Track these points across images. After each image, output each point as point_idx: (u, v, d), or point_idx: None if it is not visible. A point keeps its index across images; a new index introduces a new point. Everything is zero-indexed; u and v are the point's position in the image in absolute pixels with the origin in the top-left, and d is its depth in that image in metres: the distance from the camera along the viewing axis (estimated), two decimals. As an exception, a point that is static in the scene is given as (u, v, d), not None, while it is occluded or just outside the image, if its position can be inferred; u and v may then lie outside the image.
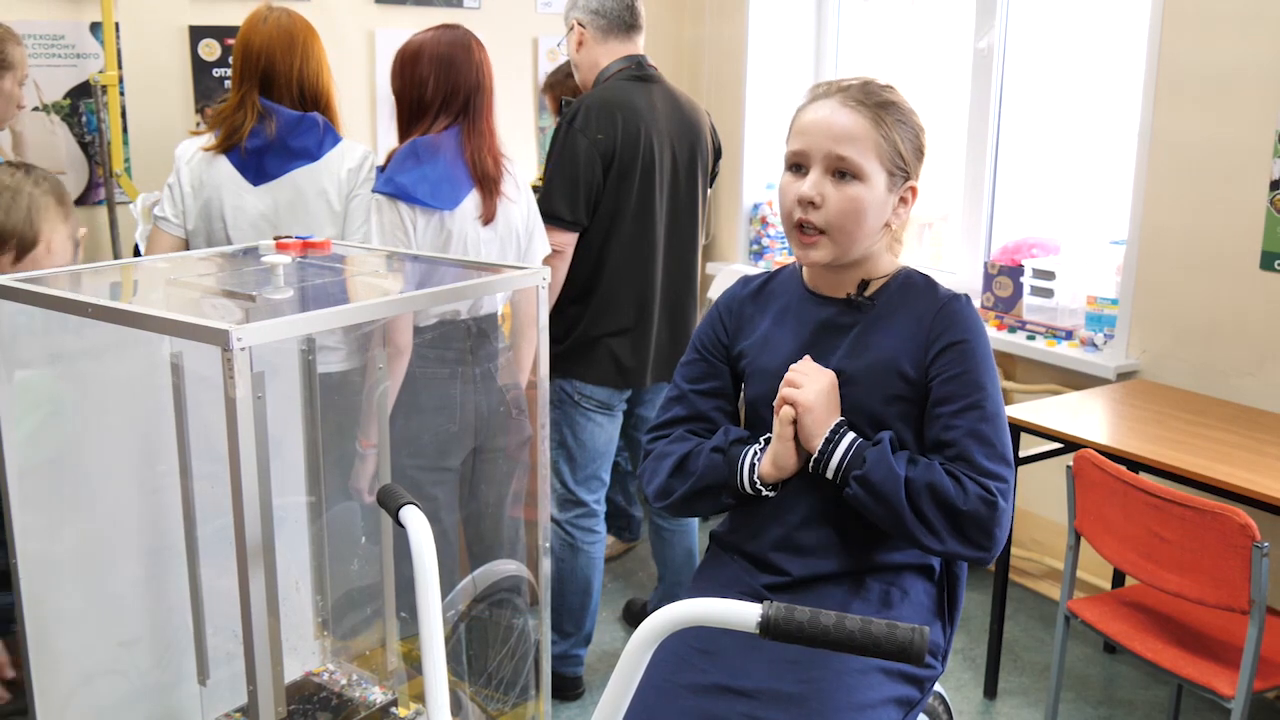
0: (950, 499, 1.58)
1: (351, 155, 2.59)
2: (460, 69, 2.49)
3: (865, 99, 1.64)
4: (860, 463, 1.62)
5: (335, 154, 2.57)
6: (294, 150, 2.51)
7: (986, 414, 1.62)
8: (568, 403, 2.95)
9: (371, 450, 2.25)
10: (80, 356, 1.84)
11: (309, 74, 2.58)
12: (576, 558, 3.00)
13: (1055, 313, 3.53)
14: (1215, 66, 3.05)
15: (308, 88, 2.58)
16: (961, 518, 1.59)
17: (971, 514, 1.58)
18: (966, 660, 3.29)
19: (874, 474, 1.60)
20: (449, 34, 2.53)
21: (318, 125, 2.55)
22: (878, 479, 1.60)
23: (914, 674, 1.68)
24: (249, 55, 2.54)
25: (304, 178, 2.52)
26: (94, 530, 1.88)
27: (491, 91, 2.55)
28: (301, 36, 2.57)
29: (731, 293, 1.88)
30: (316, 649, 2.21)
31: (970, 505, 1.58)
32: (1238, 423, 2.85)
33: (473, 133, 2.49)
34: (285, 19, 2.58)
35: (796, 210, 1.65)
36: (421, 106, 2.51)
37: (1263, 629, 2.22)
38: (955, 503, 1.58)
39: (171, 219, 2.56)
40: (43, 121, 3.54)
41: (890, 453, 1.62)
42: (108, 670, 1.93)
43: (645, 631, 1.17)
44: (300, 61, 2.55)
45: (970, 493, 1.59)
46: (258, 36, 2.54)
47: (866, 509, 1.63)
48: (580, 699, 3.08)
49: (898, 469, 1.60)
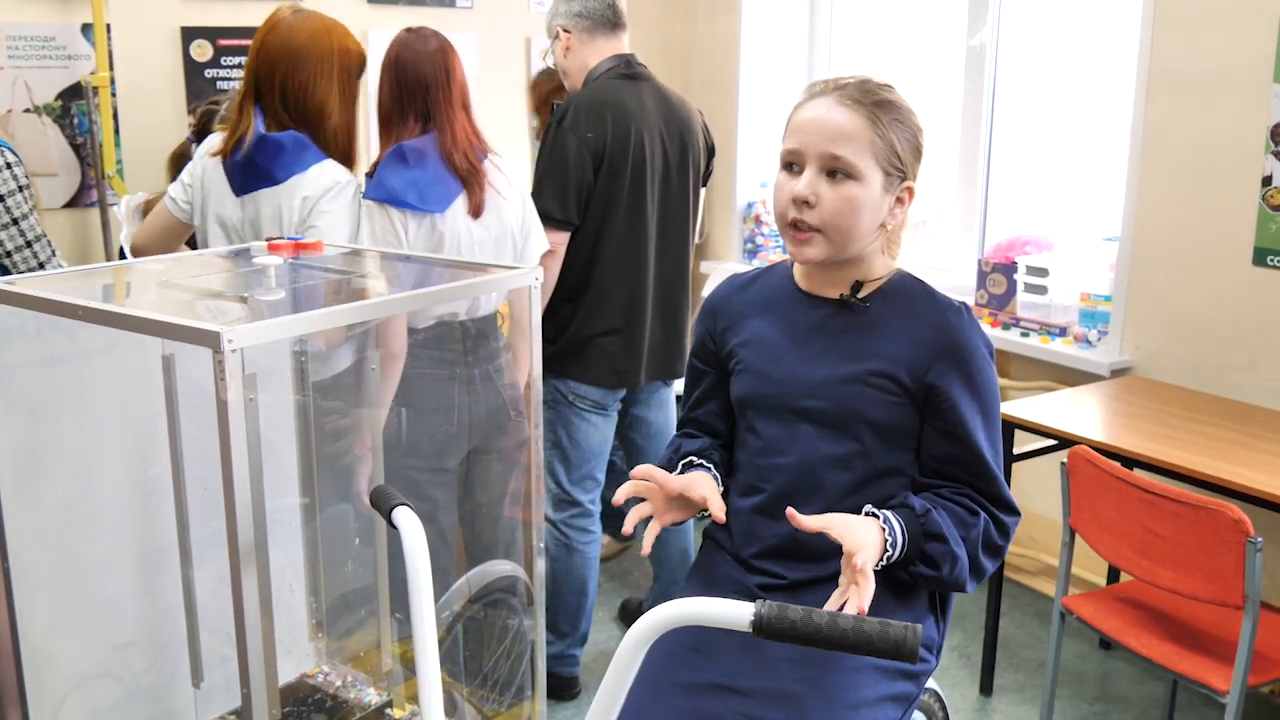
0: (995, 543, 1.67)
1: (314, 183, 2.37)
2: (410, 70, 2.46)
3: (862, 98, 1.62)
4: (930, 561, 1.63)
5: (298, 180, 2.37)
6: (259, 169, 2.38)
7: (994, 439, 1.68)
8: (562, 403, 2.95)
9: (369, 453, 2.25)
10: (72, 359, 1.83)
11: (294, 88, 2.39)
12: (572, 557, 3.00)
13: (1049, 310, 3.53)
14: (1207, 63, 3.05)
15: (292, 103, 2.40)
16: (1003, 551, 1.69)
17: (1008, 544, 1.69)
18: (962, 657, 3.29)
19: (944, 569, 1.63)
20: (400, 36, 2.50)
21: (283, 148, 2.37)
22: (948, 575, 1.63)
23: (908, 669, 1.68)
24: (250, 61, 2.43)
25: (266, 199, 2.41)
26: (87, 533, 1.88)
27: (455, 87, 2.50)
28: (300, 43, 2.39)
29: (719, 292, 1.87)
30: (311, 651, 2.21)
31: (1007, 539, 1.68)
32: (1231, 419, 2.86)
33: (440, 129, 2.48)
34: (289, 22, 2.41)
35: (791, 209, 1.64)
36: (383, 113, 2.50)
37: (1257, 624, 2.23)
38: (999, 544, 1.67)
39: (180, 203, 2.53)
40: (34, 123, 3.54)
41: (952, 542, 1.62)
42: (101, 673, 1.93)
43: (639, 631, 1.17)
44: (286, 73, 2.38)
45: (1006, 526, 1.68)
46: (256, 40, 2.43)
47: (923, 584, 1.68)
48: (576, 699, 3.07)
49: (960, 553, 1.63)
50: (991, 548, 1.66)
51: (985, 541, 1.65)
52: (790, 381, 1.70)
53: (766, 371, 1.72)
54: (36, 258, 2.87)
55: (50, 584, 1.82)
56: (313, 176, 2.38)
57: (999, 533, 1.67)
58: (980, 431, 1.65)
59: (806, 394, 1.68)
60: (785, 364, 1.71)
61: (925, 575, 1.62)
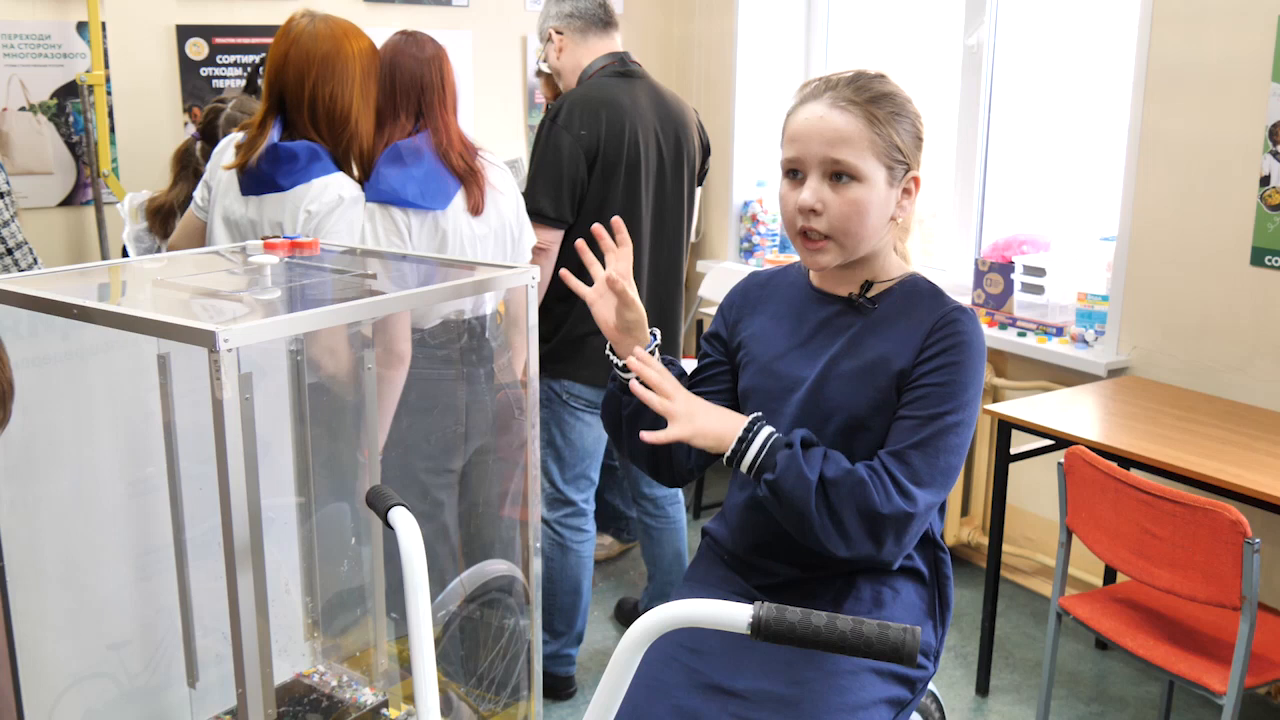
0: (872, 503, 1.54)
1: (318, 198, 2.34)
2: (406, 72, 2.46)
3: (856, 96, 1.61)
4: (771, 466, 1.56)
5: (304, 190, 2.35)
6: (265, 176, 2.37)
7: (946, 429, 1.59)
8: (556, 402, 2.94)
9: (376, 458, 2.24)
10: (68, 358, 1.82)
11: (324, 96, 2.37)
12: (566, 557, 2.99)
13: (1046, 309, 3.53)
14: (1205, 63, 3.05)
15: (321, 111, 2.38)
16: (881, 521, 1.54)
17: (892, 516, 1.54)
18: (958, 657, 3.29)
19: (784, 481, 1.54)
20: (396, 40, 2.50)
21: (296, 158, 2.36)
22: (788, 487, 1.54)
23: (906, 674, 1.68)
24: (268, 72, 2.40)
25: (270, 205, 2.39)
26: (82, 533, 1.87)
27: (447, 90, 2.51)
28: (322, 52, 2.37)
29: (739, 286, 1.89)
30: (307, 650, 2.20)
31: (892, 508, 1.54)
32: (1228, 419, 2.86)
33: (434, 130, 2.48)
34: (310, 31, 2.38)
35: (799, 219, 1.64)
36: (376, 114, 2.49)
37: (1254, 625, 2.23)
38: (876, 506, 1.54)
39: (199, 203, 2.54)
40: (29, 122, 3.53)
41: (801, 455, 1.55)
42: (96, 673, 1.93)
43: (636, 632, 1.16)
44: (315, 83, 2.36)
45: (893, 496, 1.55)
46: (277, 52, 2.39)
47: (774, 512, 1.59)
48: (572, 698, 3.07)
49: (809, 473, 1.54)
50: (865, 511, 1.53)
51: (858, 496, 1.53)
52: (790, 376, 1.71)
53: (770, 365, 1.73)
54: (17, 265, 2.84)
55: (45, 584, 1.82)
56: (317, 189, 2.34)
57: (882, 500, 1.53)
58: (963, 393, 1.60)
59: (800, 389, 1.69)
60: (788, 358, 1.72)
61: (769, 481, 1.55)
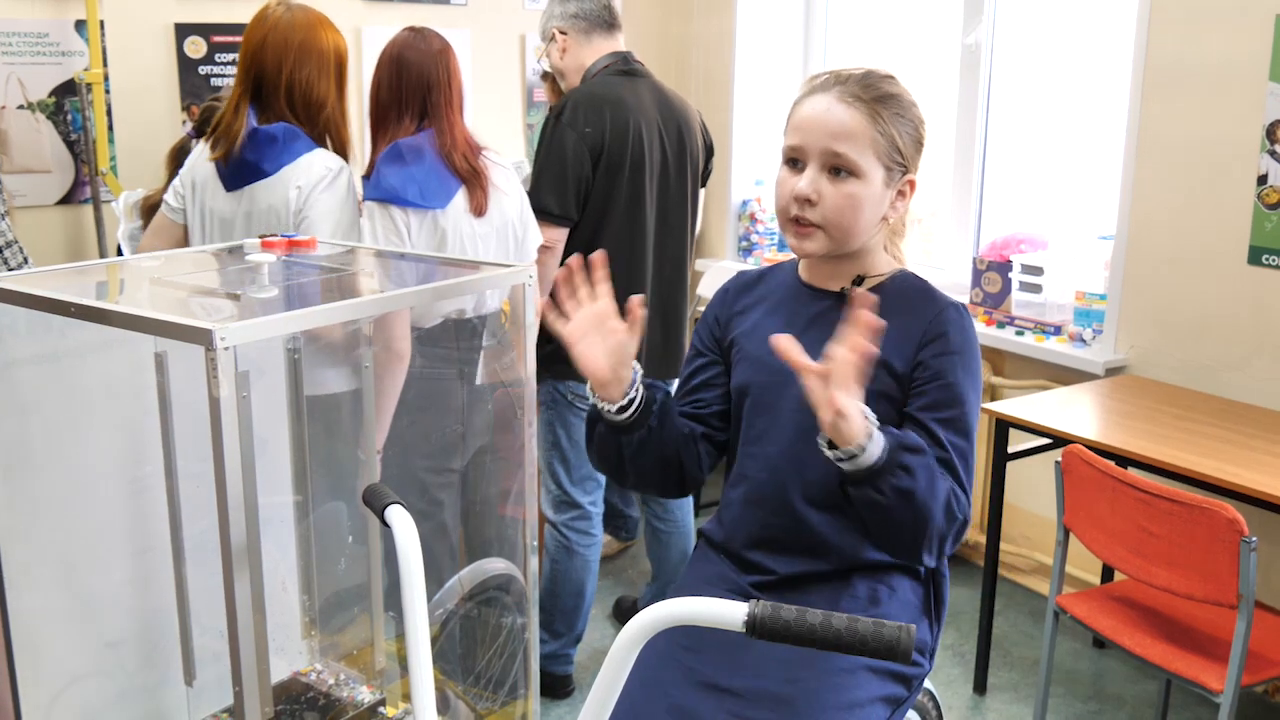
0: (954, 512, 1.54)
1: (306, 173, 2.37)
2: (412, 69, 2.46)
3: (863, 93, 1.62)
4: (907, 469, 1.48)
5: (290, 170, 2.38)
6: (249, 164, 2.38)
7: (966, 431, 1.61)
8: (561, 403, 2.94)
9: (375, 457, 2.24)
10: (65, 356, 1.82)
11: (300, 81, 2.40)
12: (571, 560, 2.98)
13: (1044, 308, 3.53)
14: (1202, 62, 3.05)
15: (299, 98, 2.41)
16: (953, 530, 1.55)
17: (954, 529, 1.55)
18: (956, 656, 3.29)
19: (918, 485, 1.48)
20: (403, 35, 2.51)
21: (275, 140, 2.38)
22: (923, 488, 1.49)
23: (902, 672, 1.68)
24: (244, 58, 2.43)
25: (261, 192, 2.40)
26: (79, 531, 1.87)
27: (454, 88, 2.50)
28: (299, 39, 2.40)
29: (728, 284, 1.89)
30: (304, 649, 2.20)
31: (960, 522, 1.56)
32: (1226, 418, 2.86)
33: (439, 130, 2.47)
34: (287, 19, 2.42)
35: (793, 206, 1.65)
36: (380, 110, 2.50)
37: (1251, 623, 2.23)
38: (957, 515, 1.55)
39: (173, 205, 2.53)
40: (28, 120, 3.52)
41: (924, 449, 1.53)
42: (94, 671, 1.92)
43: (632, 630, 1.16)
44: (292, 68, 2.39)
45: (963, 507, 1.56)
46: (254, 38, 2.42)
47: (880, 515, 1.51)
48: (570, 697, 3.07)
49: (936, 478, 1.51)
50: (950, 515, 1.54)
51: (946, 503, 1.53)
52: (783, 370, 1.70)
53: (763, 360, 1.73)
54: (6, 264, 2.84)
55: (42, 582, 1.82)
56: (304, 165, 2.38)
57: (957, 506, 1.55)
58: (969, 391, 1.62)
59: (796, 383, 1.68)
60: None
61: (902, 488, 1.47)
